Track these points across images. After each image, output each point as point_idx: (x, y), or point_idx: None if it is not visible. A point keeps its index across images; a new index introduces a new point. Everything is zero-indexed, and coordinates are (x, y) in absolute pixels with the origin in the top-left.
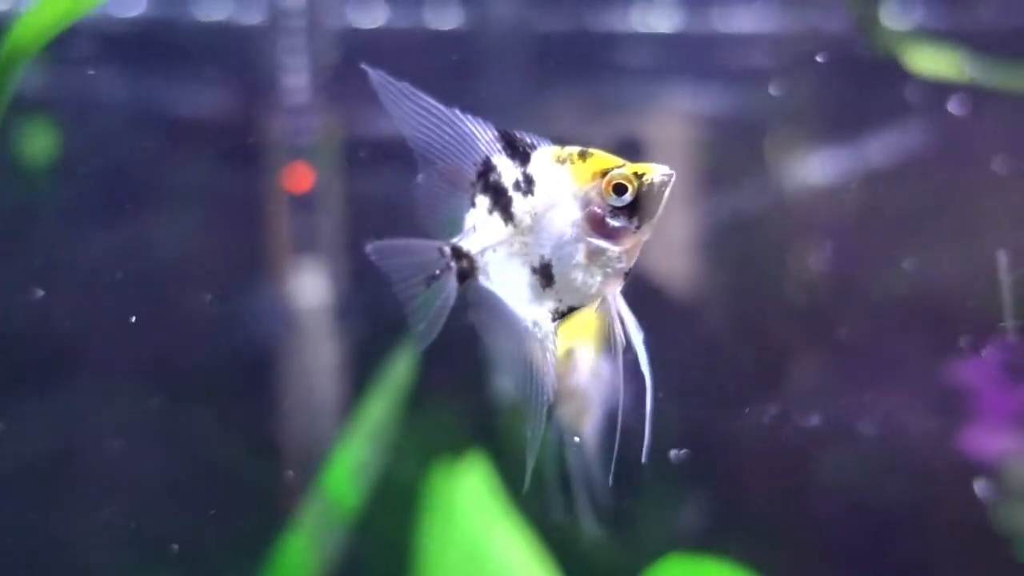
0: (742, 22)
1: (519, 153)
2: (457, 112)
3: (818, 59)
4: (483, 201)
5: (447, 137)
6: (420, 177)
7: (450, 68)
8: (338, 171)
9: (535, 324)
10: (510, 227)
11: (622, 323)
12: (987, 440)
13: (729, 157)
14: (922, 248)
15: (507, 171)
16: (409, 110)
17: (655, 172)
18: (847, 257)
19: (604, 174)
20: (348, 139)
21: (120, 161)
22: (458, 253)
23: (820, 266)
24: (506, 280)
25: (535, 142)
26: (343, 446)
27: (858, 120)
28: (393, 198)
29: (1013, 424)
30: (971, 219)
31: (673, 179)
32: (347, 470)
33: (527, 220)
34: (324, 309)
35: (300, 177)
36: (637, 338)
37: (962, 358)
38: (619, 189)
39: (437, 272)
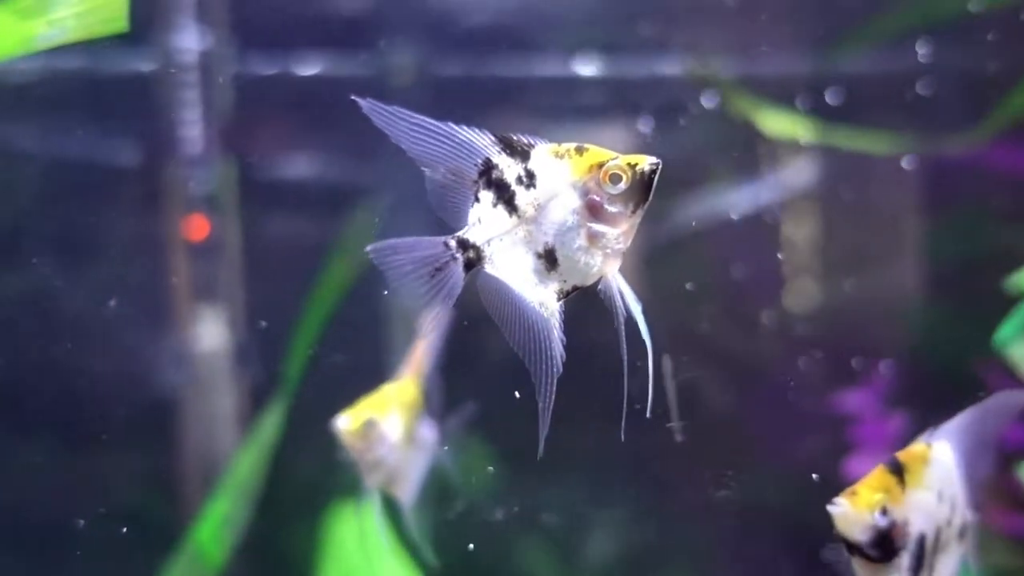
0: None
1: (518, 152)
2: (451, 124)
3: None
4: (487, 196)
5: (446, 147)
6: (427, 175)
7: (350, 113)
8: (235, 218)
9: (542, 304)
10: (515, 218)
11: (623, 298)
12: (867, 466)
13: None
14: (813, 279)
15: (508, 168)
16: (404, 129)
17: (645, 162)
18: (741, 287)
19: (600, 166)
20: (245, 186)
21: (20, 209)
22: (464, 244)
23: (715, 296)
24: (512, 266)
25: (532, 141)
26: (212, 501)
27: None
28: (291, 242)
29: (889, 451)
30: (856, 253)
31: (660, 167)
32: (215, 525)
33: (530, 211)
34: (222, 354)
35: (197, 225)
36: (637, 309)
37: (847, 387)
38: (615, 178)
39: (442, 264)
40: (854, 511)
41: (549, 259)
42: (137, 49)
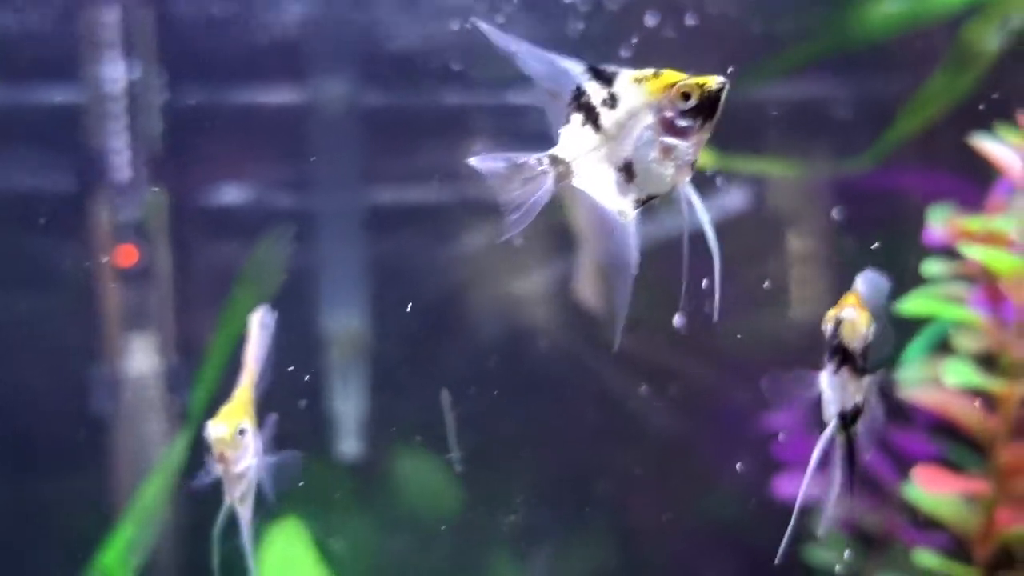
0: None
1: (604, 78)
2: (552, 53)
3: None
4: (576, 118)
5: (547, 72)
6: (537, 97)
7: (279, 141)
8: (164, 244)
9: (621, 212)
10: (599, 136)
11: (691, 207)
12: (794, 484)
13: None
14: (749, 300)
15: (595, 92)
16: (520, 51)
17: (713, 81)
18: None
19: (673, 85)
20: (174, 212)
21: None
22: (555, 160)
23: (651, 319)
24: (596, 179)
25: (617, 69)
26: (119, 526)
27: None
28: (220, 269)
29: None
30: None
31: (727, 85)
32: (120, 550)
33: (613, 130)
34: (153, 380)
35: (126, 252)
36: (705, 219)
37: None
38: (685, 96)
39: (535, 175)
40: (862, 321)
41: (628, 172)
42: (66, 81)
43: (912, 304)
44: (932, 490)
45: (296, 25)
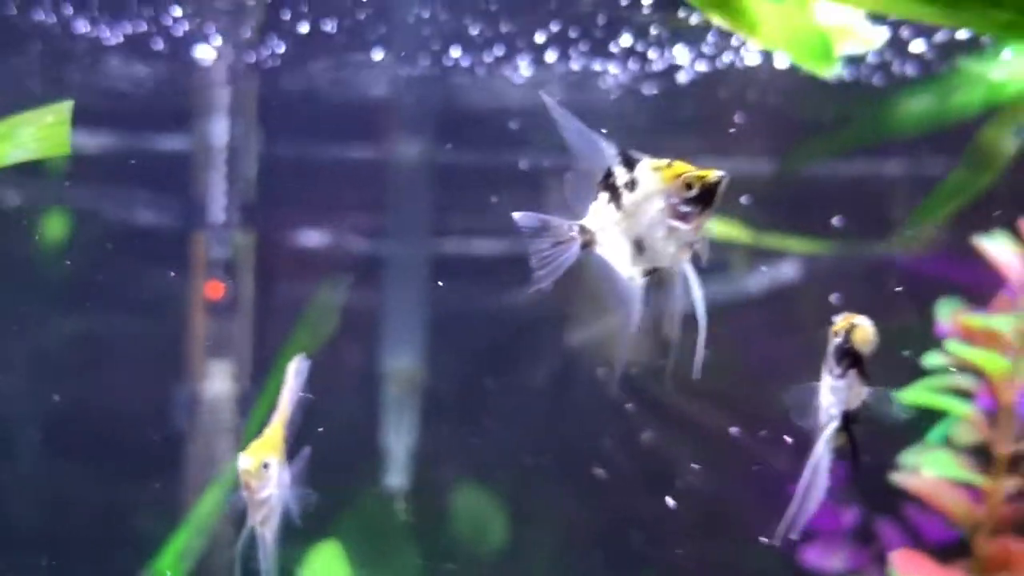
0: None
1: (629, 163)
2: (597, 134)
3: None
4: (603, 196)
5: (588, 149)
6: (569, 174)
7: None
8: (248, 281)
9: (631, 278)
10: (620, 213)
11: (687, 281)
12: (823, 555)
13: None
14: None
15: (621, 175)
16: (570, 127)
17: (712, 175)
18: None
19: (680, 176)
20: (259, 252)
21: (83, 264)
22: (584, 229)
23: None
24: (614, 249)
25: (640, 156)
26: (175, 534)
27: None
28: (295, 306)
29: (843, 540)
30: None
31: (726, 179)
32: (174, 556)
33: (631, 208)
34: (227, 404)
35: (214, 286)
36: (698, 292)
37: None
38: (688, 186)
39: (565, 240)
40: (871, 329)
41: (639, 246)
42: (180, 133)
43: (910, 394)
44: (908, 573)
45: (378, 92)
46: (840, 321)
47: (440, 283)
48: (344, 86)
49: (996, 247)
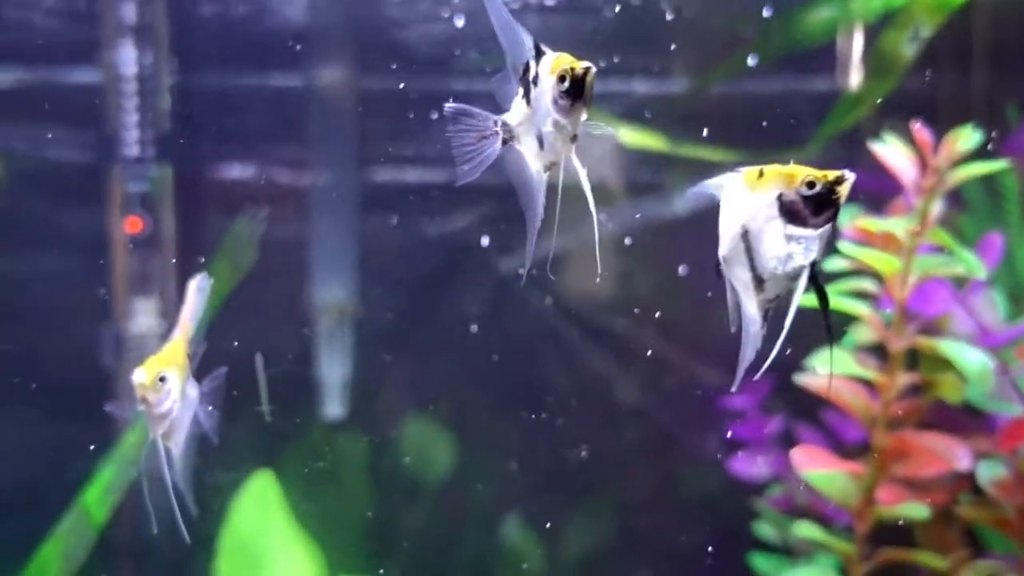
0: None
1: (538, 57)
2: (521, 28)
3: None
4: (520, 91)
5: (514, 43)
6: (497, 77)
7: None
8: (169, 215)
9: (538, 172)
10: (528, 109)
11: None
12: (751, 462)
13: None
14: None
15: (532, 70)
16: (499, 18)
17: (579, 66)
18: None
19: (558, 69)
20: (179, 183)
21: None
22: (505, 125)
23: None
24: (526, 144)
25: (545, 51)
26: (102, 468)
27: None
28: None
29: (768, 450)
30: None
31: (592, 71)
32: (100, 490)
33: (535, 103)
34: (156, 339)
35: (132, 221)
36: (587, 184)
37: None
38: (561, 79)
39: (488, 135)
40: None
41: (539, 139)
42: (89, 64)
43: (810, 298)
44: (808, 469)
45: (298, 15)
46: (816, 173)
47: (394, 218)
48: (263, 10)
49: (890, 152)
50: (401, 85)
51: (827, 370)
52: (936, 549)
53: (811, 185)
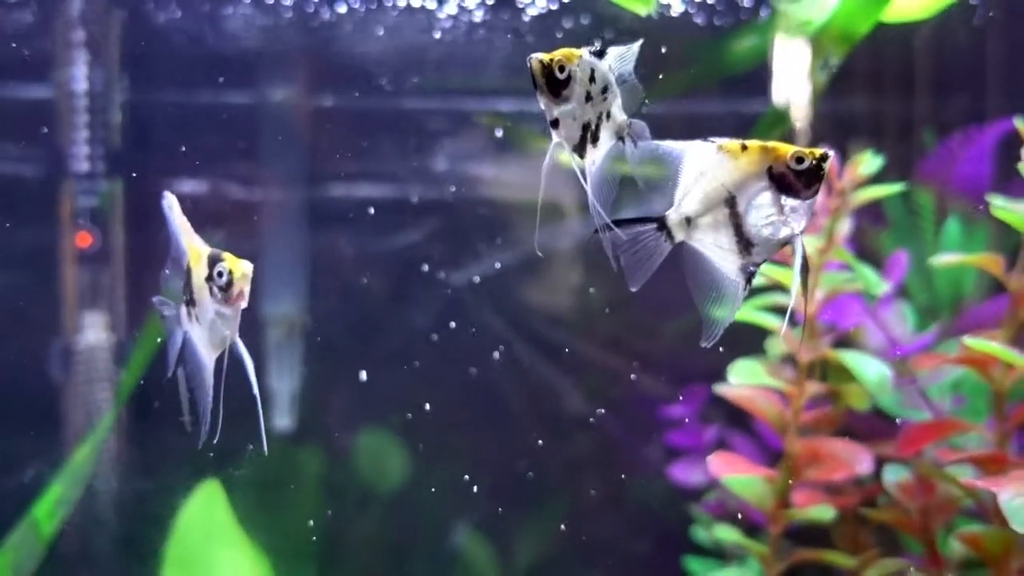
0: None
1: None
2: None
3: None
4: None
5: None
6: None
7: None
8: (119, 229)
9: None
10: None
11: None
12: (690, 470)
13: None
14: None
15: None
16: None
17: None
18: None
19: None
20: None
21: None
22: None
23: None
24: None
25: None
26: (52, 483)
27: None
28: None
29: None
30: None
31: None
32: (51, 503)
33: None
34: (105, 353)
35: (83, 236)
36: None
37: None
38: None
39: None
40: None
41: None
42: (41, 80)
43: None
44: (726, 475)
45: (250, 32)
46: (804, 149)
47: (343, 233)
48: (215, 28)
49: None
50: (352, 102)
51: (742, 381)
52: (850, 549)
53: (800, 160)
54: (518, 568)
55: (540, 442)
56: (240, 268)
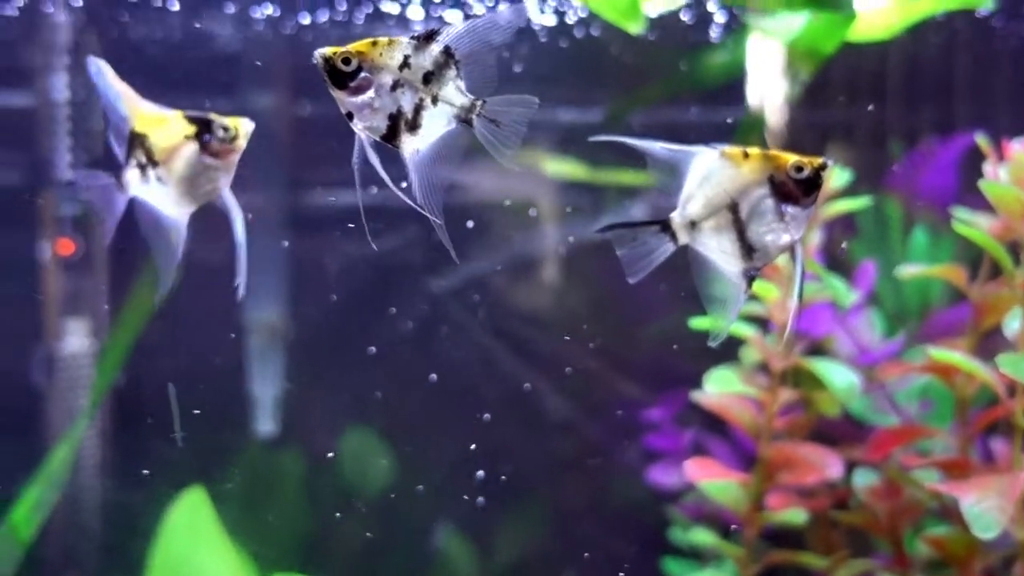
0: None
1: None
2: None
3: None
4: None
5: None
6: None
7: None
8: (100, 237)
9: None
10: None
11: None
12: (668, 473)
13: None
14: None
15: None
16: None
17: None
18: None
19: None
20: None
21: None
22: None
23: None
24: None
25: None
26: (30, 487)
27: None
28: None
29: (683, 460)
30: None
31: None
32: (27, 508)
33: None
34: (87, 359)
35: (65, 244)
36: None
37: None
38: None
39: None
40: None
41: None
42: (22, 88)
43: (701, 321)
44: (702, 479)
45: (232, 40)
46: (803, 159)
47: (325, 238)
48: (197, 35)
49: None
50: (332, 109)
51: (718, 389)
52: (822, 550)
53: (800, 169)
54: (499, 569)
55: (523, 444)
56: (242, 126)
